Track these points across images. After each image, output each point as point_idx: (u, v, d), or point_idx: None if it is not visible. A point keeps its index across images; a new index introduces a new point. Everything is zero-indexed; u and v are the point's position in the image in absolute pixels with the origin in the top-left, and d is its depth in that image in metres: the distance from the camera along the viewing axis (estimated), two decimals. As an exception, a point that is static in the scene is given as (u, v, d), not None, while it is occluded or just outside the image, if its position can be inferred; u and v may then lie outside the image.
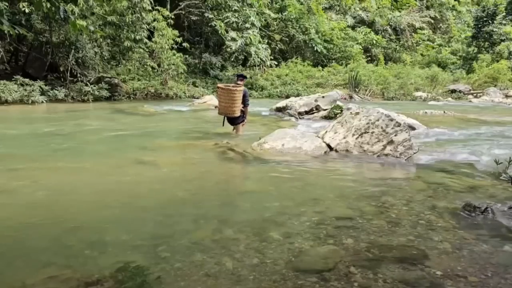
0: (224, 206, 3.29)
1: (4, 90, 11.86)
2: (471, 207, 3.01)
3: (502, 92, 19.42)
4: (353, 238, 2.52)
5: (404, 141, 5.11)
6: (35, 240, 2.52)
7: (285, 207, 3.16)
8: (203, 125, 8.73)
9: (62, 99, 13.18)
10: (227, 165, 4.79)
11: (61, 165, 4.69)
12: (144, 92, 15.86)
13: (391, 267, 2.13)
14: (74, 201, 3.30)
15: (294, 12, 22.87)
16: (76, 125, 8.20)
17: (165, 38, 15.30)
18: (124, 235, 2.57)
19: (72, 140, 6.49)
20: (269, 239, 2.48)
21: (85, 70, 14.76)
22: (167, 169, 4.54)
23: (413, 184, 3.95)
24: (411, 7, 30.90)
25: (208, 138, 6.56)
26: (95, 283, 1.95)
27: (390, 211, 3.03)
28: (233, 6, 18.00)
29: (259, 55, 18.51)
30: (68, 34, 13.55)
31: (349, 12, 28.41)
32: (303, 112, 10.01)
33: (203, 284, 1.97)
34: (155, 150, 5.72)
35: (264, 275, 2.05)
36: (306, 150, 5.30)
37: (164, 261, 2.19)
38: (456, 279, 2.02)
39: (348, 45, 24.46)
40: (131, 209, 3.13)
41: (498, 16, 25.71)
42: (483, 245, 2.45)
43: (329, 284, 1.98)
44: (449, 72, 24.00)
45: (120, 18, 14.15)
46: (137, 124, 8.74)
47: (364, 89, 19.42)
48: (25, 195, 3.46)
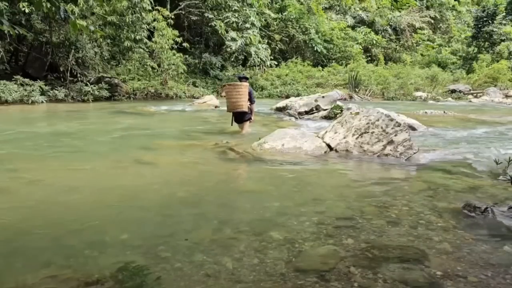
0: (224, 206, 3.29)
1: (4, 90, 11.87)
2: (471, 207, 3.01)
3: (502, 92, 19.42)
4: (353, 238, 2.52)
5: (404, 141, 5.11)
6: (35, 240, 2.52)
7: (285, 207, 3.16)
8: (203, 125, 8.74)
9: (62, 99, 13.18)
10: (227, 165, 4.79)
11: (61, 165, 4.69)
12: (144, 92, 15.87)
13: (391, 267, 2.13)
14: (74, 201, 3.30)
15: (294, 12, 22.87)
16: (76, 125, 8.21)
17: (165, 38, 15.31)
18: (124, 235, 2.57)
19: (72, 140, 6.49)
20: (269, 239, 2.48)
21: (85, 70, 14.77)
22: (167, 169, 4.54)
23: (413, 184, 3.95)
24: (411, 7, 30.90)
25: (208, 138, 6.56)
26: (95, 283, 1.95)
27: (390, 211, 3.03)
28: (233, 6, 18.00)
29: (259, 55, 18.52)
30: (68, 34, 13.55)
31: (349, 12, 28.42)
32: (303, 112, 10.01)
33: (203, 284, 1.97)
34: (155, 150, 5.72)
35: (264, 275, 2.05)
36: (306, 150, 5.30)
37: (164, 261, 2.19)
38: (456, 279, 2.02)
39: (348, 45, 24.47)
40: (131, 209, 3.13)
41: (498, 16, 25.72)
42: (483, 245, 2.45)
43: (329, 284, 1.98)
44: (449, 72, 24.00)
45: (120, 18, 14.16)
46: (137, 124, 8.74)
47: (364, 89, 19.43)
48: (24, 195, 3.46)
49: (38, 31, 13.52)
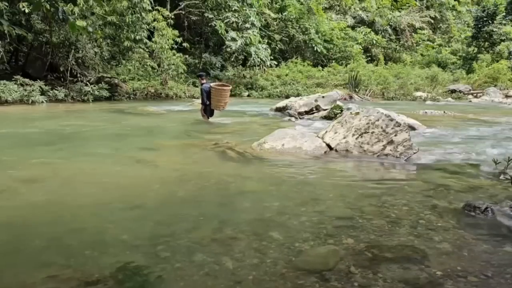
0: (224, 206, 3.29)
1: (4, 90, 11.85)
2: (471, 207, 3.01)
3: (502, 92, 19.42)
4: (353, 238, 2.52)
5: (404, 141, 5.11)
6: (35, 240, 2.52)
7: (285, 207, 3.16)
8: (203, 125, 8.74)
9: (62, 99, 13.17)
10: (227, 165, 4.79)
11: (60, 165, 4.69)
12: (144, 92, 15.86)
13: (391, 267, 2.13)
14: (73, 200, 3.30)
15: (294, 12, 22.86)
16: (76, 125, 8.20)
17: (165, 38, 15.30)
18: (124, 235, 2.57)
19: (71, 140, 6.49)
20: (269, 239, 2.48)
21: (85, 70, 14.76)
22: (167, 169, 4.54)
23: (413, 184, 3.95)
24: (411, 7, 30.90)
25: (208, 138, 6.56)
26: (95, 283, 1.95)
27: (390, 211, 3.03)
28: (233, 6, 17.99)
29: (259, 55, 18.51)
30: (68, 34, 13.54)
31: (349, 12, 28.41)
32: (303, 112, 10.01)
33: (203, 284, 1.97)
34: (155, 150, 5.72)
35: (264, 275, 2.05)
36: (306, 150, 5.30)
37: (164, 261, 2.19)
38: (456, 279, 2.02)
39: (348, 45, 24.46)
40: (131, 209, 3.13)
41: (498, 16, 25.71)
42: (483, 245, 2.45)
43: (329, 284, 1.98)
44: (449, 72, 23.99)
45: (120, 18, 14.14)
46: (137, 124, 8.74)
47: (364, 89, 19.42)
48: (24, 195, 3.46)
49: (38, 31, 13.51)
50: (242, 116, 10.45)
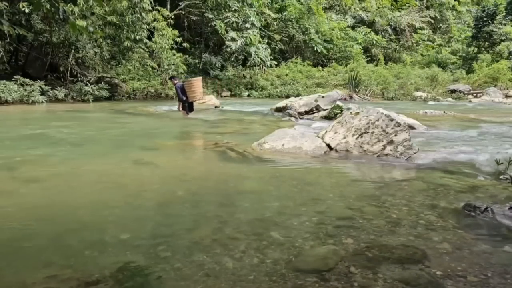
0: (224, 206, 3.29)
1: (4, 90, 11.86)
2: (471, 207, 3.01)
3: (502, 92, 19.44)
4: (353, 238, 2.52)
5: (404, 141, 5.11)
6: (35, 240, 2.52)
7: (285, 207, 3.16)
8: (203, 125, 8.74)
9: (62, 99, 13.18)
10: (227, 165, 4.79)
11: (60, 164, 4.69)
12: (144, 92, 15.88)
13: (391, 267, 2.13)
14: (73, 200, 3.29)
15: (294, 12, 22.87)
16: (76, 125, 8.21)
17: (165, 38, 15.31)
18: (124, 235, 2.57)
19: (71, 140, 6.49)
20: (269, 239, 2.48)
21: (85, 70, 14.78)
22: (167, 169, 4.54)
23: (413, 184, 3.95)
24: (411, 7, 30.91)
25: (208, 138, 6.56)
26: (95, 283, 1.95)
27: (390, 211, 3.03)
28: (233, 6, 17.99)
29: (259, 55, 18.52)
30: (68, 34, 13.55)
31: (349, 12, 28.43)
32: (303, 112, 10.01)
33: (203, 284, 1.96)
34: (155, 150, 5.72)
35: (264, 275, 2.05)
36: (306, 150, 5.30)
37: (164, 261, 2.18)
38: (456, 279, 2.02)
39: (348, 45, 24.48)
40: (131, 209, 3.13)
41: (498, 16, 25.72)
42: (483, 245, 2.45)
43: (329, 284, 1.98)
44: (449, 72, 24.01)
45: (120, 18, 14.15)
46: (137, 124, 8.74)
47: (364, 89, 19.43)
48: (24, 195, 3.46)
49: (38, 31, 13.51)
50: (242, 116, 10.46)
